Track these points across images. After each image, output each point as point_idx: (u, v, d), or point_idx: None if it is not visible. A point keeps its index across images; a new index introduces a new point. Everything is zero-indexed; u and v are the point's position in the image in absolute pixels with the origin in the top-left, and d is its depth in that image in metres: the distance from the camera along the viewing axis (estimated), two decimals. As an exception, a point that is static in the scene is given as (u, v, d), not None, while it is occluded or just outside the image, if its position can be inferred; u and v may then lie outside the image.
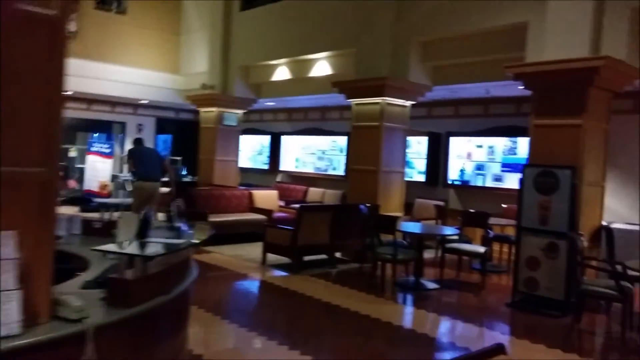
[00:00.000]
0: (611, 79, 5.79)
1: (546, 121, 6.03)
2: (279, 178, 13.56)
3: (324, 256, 7.76)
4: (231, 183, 11.27)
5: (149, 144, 14.48)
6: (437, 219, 8.49)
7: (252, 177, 14.39)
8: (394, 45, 8.05)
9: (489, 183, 9.63)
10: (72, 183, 13.69)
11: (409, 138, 10.58)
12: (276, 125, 13.76)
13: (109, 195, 13.13)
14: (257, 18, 10.60)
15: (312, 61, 9.80)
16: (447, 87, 8.37)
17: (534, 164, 6.10)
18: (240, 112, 11.55)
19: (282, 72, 10.49)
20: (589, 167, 5.82)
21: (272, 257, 7.55)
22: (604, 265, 5.61)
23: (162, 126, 14.89)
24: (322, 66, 9.65)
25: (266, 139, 13.72)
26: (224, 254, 8.15)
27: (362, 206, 7.35)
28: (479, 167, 9.82)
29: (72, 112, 13.10)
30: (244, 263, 7.63)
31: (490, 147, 9.65)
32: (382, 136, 8.00)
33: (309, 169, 12.84)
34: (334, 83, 8.44)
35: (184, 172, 14.49)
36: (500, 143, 9.50)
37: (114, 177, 13.73)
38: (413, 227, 7.13)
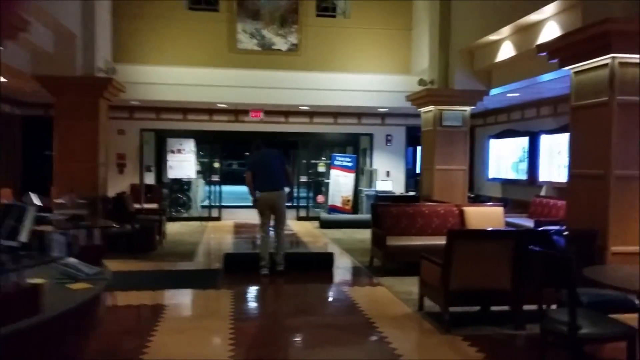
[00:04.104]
0: None
1: None
2: (543, 191, 10.45)
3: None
4: (458, 198, 9.07)
5: (399, 156, 13.42)
6: None
7: (512, 191, 11.63)
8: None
9: None
10: (320, 198, 13.70)
11: None
12: (536, 123, 10.70)
13: (351, 211, 12.59)
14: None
15: (539, 25, 6.95)
16: None
17: None
18: (466, 108, 9.25)
19: (507, 49, 7.86)
20: None
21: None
22: None
23: (414, 136, 13.51)
24: (550, 29, 6.71)
25: (525, 142, 10.80)
26: (392, 290, 6.30)
27: (556, 237, 4.50)
28: None
29: (320, 127, 13.13)
30: (397, 307, 5.64)
31: None
32: (614, 119, 4.82)
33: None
34: (538, 46, 5.61)
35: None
36: None
37: (359, 192, 13.15)
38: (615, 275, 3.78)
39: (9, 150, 11.61)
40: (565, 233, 4.48)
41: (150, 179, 12.83)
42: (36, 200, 3.27)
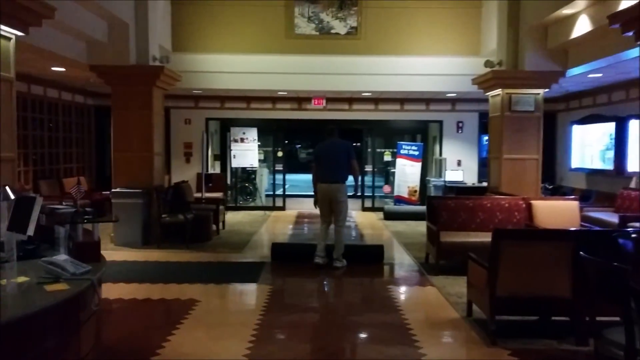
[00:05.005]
0: None
1: None
2: (632, 183, 9.31)
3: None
4: (530, 190, 8.23)
5: (471, 144, 12.63)
6: None
7: (598, 182, 10.51)
8: None
9: None
10: (387, 188, 13.15)
11: None
12: (625, 107, 9.51)
13: (418, 202, 11.99)
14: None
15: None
16: None
17: None
18: (539, 91, 8.34)
19: (584, 24, 6.94)
20: None
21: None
22: None
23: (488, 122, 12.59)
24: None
25: (612, 128, 9.65)
26: (442, 291, 5.77)
27: (623, 239, 3.82)
28: None
29: (385, 114, 12.60)
30: (443, 311, 5.12)
31: None
32: None
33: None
34: (611, 16, 4.80)
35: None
36: None
37: (426, 182, 12.51)
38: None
39: (83, 139, 12.15)
40: (634, 235, 3.75)
41: (217, 168, 12.95)
42: (12, 194, 3.16)
